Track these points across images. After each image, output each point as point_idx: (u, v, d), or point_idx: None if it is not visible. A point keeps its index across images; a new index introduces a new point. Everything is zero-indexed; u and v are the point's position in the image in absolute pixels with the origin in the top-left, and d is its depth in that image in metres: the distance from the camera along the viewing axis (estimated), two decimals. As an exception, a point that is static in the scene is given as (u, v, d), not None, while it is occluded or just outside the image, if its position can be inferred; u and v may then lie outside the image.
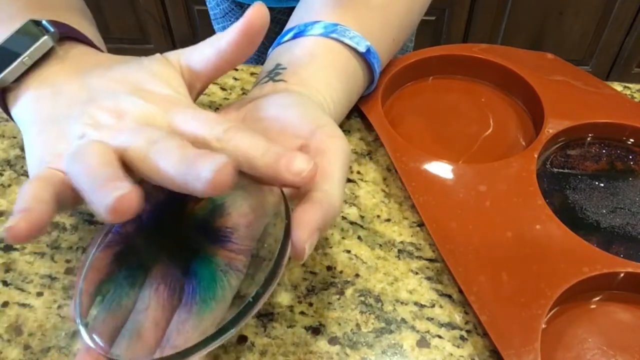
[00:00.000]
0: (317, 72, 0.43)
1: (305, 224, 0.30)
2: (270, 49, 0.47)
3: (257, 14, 0.35)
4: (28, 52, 0.36)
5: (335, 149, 0.34)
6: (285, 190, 0.32)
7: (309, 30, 0.44)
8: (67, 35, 0.39)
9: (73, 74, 0.37)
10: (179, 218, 0.32)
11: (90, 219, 0.43)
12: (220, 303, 0.31)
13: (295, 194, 0.33)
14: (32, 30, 0.37)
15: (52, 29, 0.38)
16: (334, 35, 0.44)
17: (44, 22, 0.38)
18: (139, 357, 0.30)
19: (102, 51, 0.43)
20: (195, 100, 0.39)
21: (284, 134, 0.36)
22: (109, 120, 0.32)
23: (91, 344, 0.30)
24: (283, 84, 0.41)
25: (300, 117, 0.36)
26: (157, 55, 0.38)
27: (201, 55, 0.37)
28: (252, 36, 0.35)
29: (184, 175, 0.27)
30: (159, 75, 0.36)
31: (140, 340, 0.30)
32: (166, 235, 0.32)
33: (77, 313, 0.30)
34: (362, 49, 0.44)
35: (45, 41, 0.37)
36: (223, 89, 0.54)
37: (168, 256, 0.32)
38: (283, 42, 0.45)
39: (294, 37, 0.45)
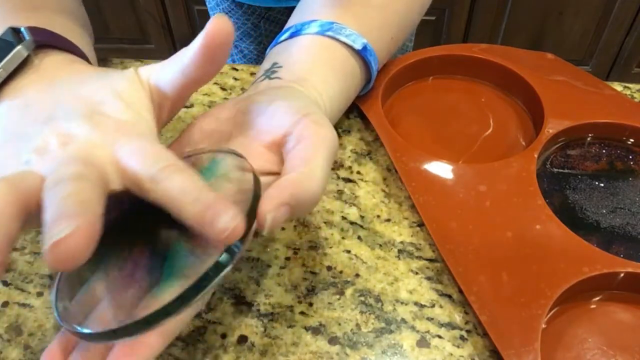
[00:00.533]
0: (313, 69, 0.43)
1: (272, 197, 0.30)
2: (269, 49, 0.47)
3: (216, 27, 0.32)
4: (2, 63, 0.36)
5: (318, 135, 0.34)
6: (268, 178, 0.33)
7: (306, 29, 0.45)
8: (45, 42, 0.38)
9: (45, 85, 0.36)
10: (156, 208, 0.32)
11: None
12: (181, 278, 0.30)
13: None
14: (8, 39, 0.37)
15: (27, 37, 0.37)
16: (329, 33, 0.44)
17: (22, 29, 0.37)
18: (101, 326, 0.30)
19: (85, 57, 0.42)
20: (168, 119, 0.37)
21: (269, 125, 0.35)
22: (54, 147, 0.31)
23: (65, 326, 0.30)
24: (278, 81, 0.41)
25: (286, 107, 0.36)
26: (130, 70, 0.37)
27: (168, 74, 0.35)
28: (213, 51, 0.33)
29: (51, 222, 0.26)
30: (124, 96, 0.35)
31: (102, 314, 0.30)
32: (145, 222, 0.32)
33: (53, 299, 0.30)
34: (358, 46, 0.45)
35: (18, 51, 0.36)
36: (223, 89, 0.54)
37: (143, 239, 0.32)
38: (280, 42, 0.46)
39: (291, 36, 0.45)
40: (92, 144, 0.31)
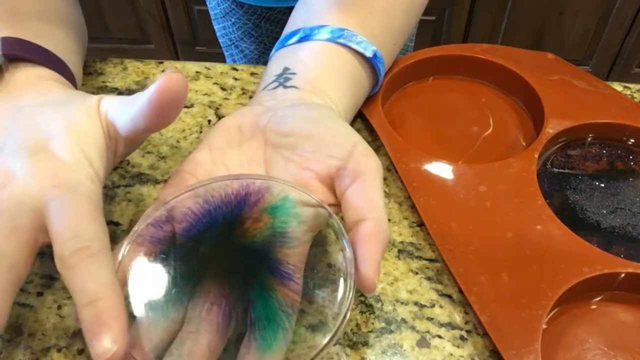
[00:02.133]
0: (327, 78, 0.43)
1: (371, 260, 0.31)
2: (274, 50, 0.46)
3: (167, 83, 0.31)
4: None
5: (373, 169, 0.34)
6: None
7: (316, 34, 0.44)
8: (17, 56, 0.38)
9: (9, 106, 0.36)
10: (232, 233, 0.32)
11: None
12: (280, 345, 0.30)
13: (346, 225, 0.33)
14: None
15: None
16: (341, 40, 0.44)
17: None
18: None
19: (67, 68, 0.42)
20: (124, 155, 0.37)
21: (317, 153, 0.35)
22: None
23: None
24: (295, 91, 0.41)
25: (332, 136, 0.36)
26: (93, 100, 0.36)
27: (121, 116, 0.34)
28: (161, 107, 0.32)
29: None
30: (78, 129, 0.34)
31: None
32: (217, 249, 0.32)
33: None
34: (369, 54, 0.44)
35: None
36: (223, 89, 0.54)
37: (221, 275, 0.31)
38: (287, 45, 0.45)
39: (300, 40, 0.45)
40: (27, 187, 0.31)
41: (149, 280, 0.31)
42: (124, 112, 0.34)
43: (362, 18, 0.46)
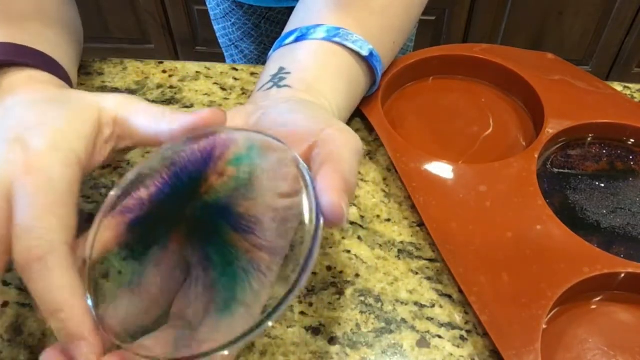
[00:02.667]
0: (322, 76, 0.43)
1: (329, 187, 0.29)
2: (272, 51, 0.47)
3: (212, 117, 0.33)
4: None
5: (344, 139, 0.33)
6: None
7: (312, 33, 0.44)
8: (7, 61, 0.38)
9: None
10: (197, 192, 0.31)
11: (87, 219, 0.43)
12: (237, 306, 0.30)
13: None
14: None
15: None
16: (336, 39, 0.44)
17: None
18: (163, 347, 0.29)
19: (58, 65, 0.42)
20: (123, 150, 0.37)
21: (291, 137, 0.35)
22: None
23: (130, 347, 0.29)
24: (288, 90, 0.41)
25: (307, 119, 0.36)
26: (88, 96, 0.36)
27: (141, 122, 0.35)
28: (194, 131, 0.33)
29: None
30: (69, 124, 0.34)
31: (140, 317, 0.30)
32: (183, 210, 0.31)
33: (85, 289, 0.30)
34: (365, 52, 0.44)
35: None
36: (223, 89, 0.54)
37: (185, 237, 0.31)
38: (284, 45, 0.45)
39: (296, 40, 0.45)
40: (4, 171, 0.31)
41: (120, 252, 0.31)
42: (146, 122, 0.35)
43: (360, 17, 0.46)
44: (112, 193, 0.32)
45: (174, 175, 0.31)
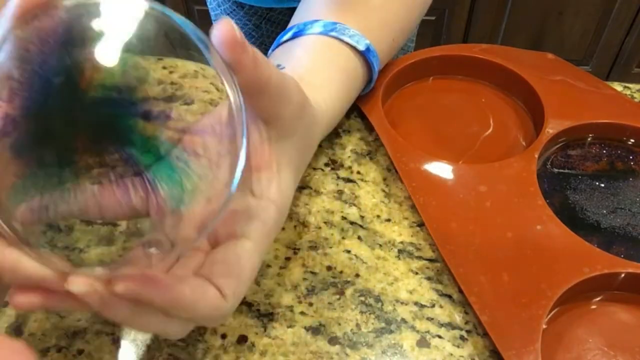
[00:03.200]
0: (315, 68, 0.43)
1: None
2: (270, 50, 0.47)
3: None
4: None
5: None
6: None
7: (308, 29, 0.44)
8: None
9: None
10: (76, 88, 0.25)
11: (86, 219, 0.43)
12: (191, 195, 0.27)
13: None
14: None
15: None
16: (333, 33, 0.44)
17: None
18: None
19: None
20: None
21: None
22: None
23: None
24: None
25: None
26: None
27: None
28: None
29: None
30: None
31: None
32: (69, 114, 0.25)
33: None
34: (361, 47, 0.44)
35: None
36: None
37: (92, 146, 0.26)
38: (283, 42, 0.45)
39: (293, 36, 0.45)
40: None
41: (23, 184, 0.26)
42: None
43: (358, 13, 0.46)
44: None
45: (35, 75, 0.25)
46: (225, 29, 0.27)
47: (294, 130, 0.34)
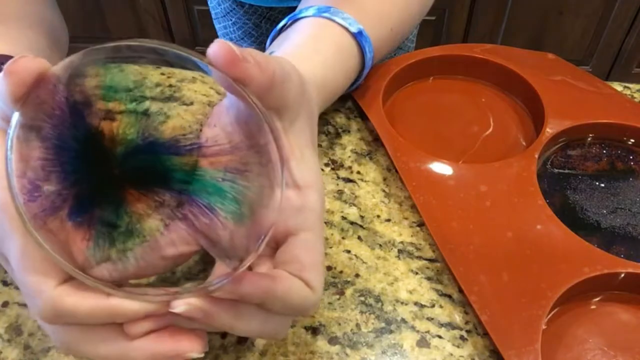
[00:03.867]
0: (303, 42, 0.43)
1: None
2: (269, 41, 0.47)
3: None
4: None
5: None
6: None
7: (302, 12, 0.45)
8: None
9: None
10: (101, 147, 0.26)
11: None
12: (247, 205, 0.29)
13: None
14: None
15: None
16: (326, 14, 0.44)
17: None
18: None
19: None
20: None
21: None
22: None
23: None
24: None
25: None
26: None
27: None
28: None
29: None
30: None
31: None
32: (104, 172, 0.27)
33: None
34: (353, 29, 0.44)
35: None
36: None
37: (138, 191, 0.27)
38: (279, 30, 0.46)
39: (289, 20, 0.45)
40: None
41: (95, 248, 0.28)
42: None
43: (355, 2, 0.46)
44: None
45: (58, 149, 0.26)
46: (221, 50, 0.28)
47: (299, 109, 0.34)
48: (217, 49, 0.28)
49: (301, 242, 0.31)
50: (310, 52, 0.42)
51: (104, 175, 0.27)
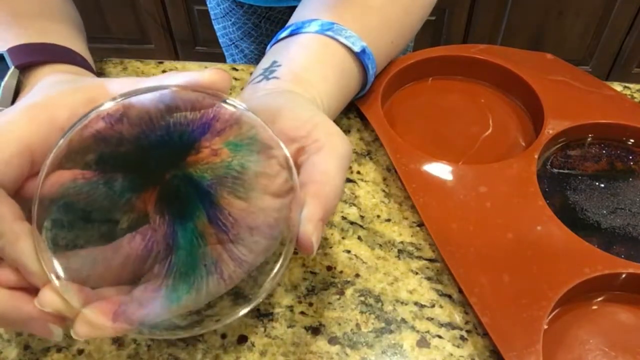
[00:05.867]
0: (311, 67, 0.43)
1: (310, 218, 0.30)
2: (268, 46, 0.47)
3: (213, 79, 0.31)
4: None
5: (331, 144, 0.33)
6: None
7: (306, 27, 0.45)
8: (28, 63, 0.38)
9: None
10: (183, 157, 0.29)
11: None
12: (190, 299, 0.29)
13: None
14: None
15: (10, 65, 0.36)
16: (329, 33, 0.44)
17: (4, 54, 0.37)
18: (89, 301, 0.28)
19: (74, 52, 0.41)
20: None
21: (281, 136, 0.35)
22: None
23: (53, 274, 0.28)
24: (276, 82, 0.41)
25: (292, 119, 0.35)
26: (100, 81, 0.33)
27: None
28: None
29: None
30: (60, 94, 0.32)
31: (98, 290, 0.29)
32: (163, 169, 0.28)
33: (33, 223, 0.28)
34: (356, 49, 0.44)
35: (7, 85, 0.36)
36: (223, 89, 0.54)
37: (157, 201, 0.28)
38: (280, 40, 0.46)
39: (291, 33, 0.45)
40: None
41: (86, 183, 0.28)
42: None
43: (357, 14, 0.46)
44: (84, 117, 0.28)
45: (166, 126, 0.28)
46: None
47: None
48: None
49: (319, 159, 0.32)
50: (318, 79, 0.42)
51: (157, 165, 0.28)
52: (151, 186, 0.28)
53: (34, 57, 0.39)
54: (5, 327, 0.36)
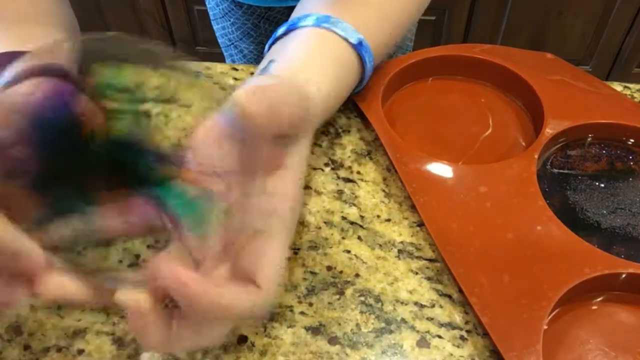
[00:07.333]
0: (309, 60, 0.43)
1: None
2: (267, 46, 0.47)
3: None
4: None
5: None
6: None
7: (302, 21, 0.45)
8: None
9: None
10: (77, 138, 0.27)
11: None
12: (212, 224, 0.29)
13: None
14: None
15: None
16: (325, 25, 0.44)
17: None
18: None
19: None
20: None
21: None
22: None
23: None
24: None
25: None
26: None
27: None
28: None
29: None
30: None
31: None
32: (79, 160, 0.27)
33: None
34: (353, 40, 0.44)
35: None
36: (223, 88, 0.54)
37: (105, 187, 0.28)
38: (278, 38, 0.46)
39: (287, 29, 0.45)
40: None
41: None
42: None
43: (354, 10, 0.46)
44: None
45: (37, 126, 0.26)
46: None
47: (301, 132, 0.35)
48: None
49: (259, 242, 0.31)
50: (316, 72, 0.42)
51: (75, 162, 0.27)
52: (91, 182, 0.28)
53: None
54: None
